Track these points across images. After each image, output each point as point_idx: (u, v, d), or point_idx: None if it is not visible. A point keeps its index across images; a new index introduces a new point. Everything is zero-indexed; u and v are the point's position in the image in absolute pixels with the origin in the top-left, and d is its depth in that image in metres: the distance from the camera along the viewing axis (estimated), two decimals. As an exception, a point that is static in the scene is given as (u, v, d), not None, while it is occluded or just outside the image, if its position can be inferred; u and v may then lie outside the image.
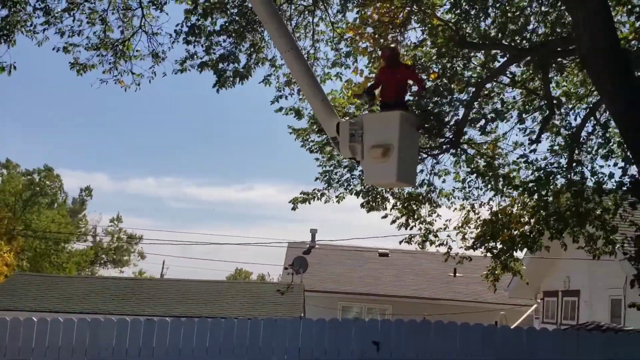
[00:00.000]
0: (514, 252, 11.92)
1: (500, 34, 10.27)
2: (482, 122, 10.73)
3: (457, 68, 10.54)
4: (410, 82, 8.46)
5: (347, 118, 9.66)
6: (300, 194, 11.71)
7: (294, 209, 11.63)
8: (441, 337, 9.06)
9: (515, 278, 16.25)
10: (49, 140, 71.30)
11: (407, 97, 8.54)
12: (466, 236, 11.97)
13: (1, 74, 9.52)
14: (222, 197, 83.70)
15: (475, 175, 11.35)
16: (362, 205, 11.74)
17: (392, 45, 9.10)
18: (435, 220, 12.05)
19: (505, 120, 10.90)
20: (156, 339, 8.69)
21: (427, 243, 12.27)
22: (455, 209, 12.07)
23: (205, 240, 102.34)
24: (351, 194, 11.73)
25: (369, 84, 8.28)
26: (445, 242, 12.13)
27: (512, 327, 11.80)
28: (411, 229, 12.00)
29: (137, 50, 10.97)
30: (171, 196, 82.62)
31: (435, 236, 12.09)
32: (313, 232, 31.52)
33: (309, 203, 11.70)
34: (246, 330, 8.87)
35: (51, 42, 10.24)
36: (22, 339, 8.61)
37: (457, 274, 27.06)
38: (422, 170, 11.25)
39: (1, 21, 9.54)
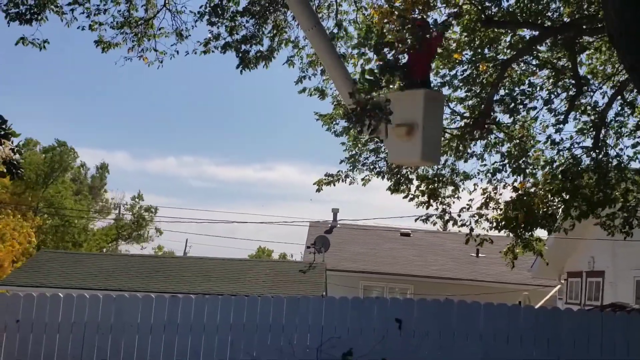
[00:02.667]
0: (534, 231, 11.82)
1: (524, 14, 10.12)
2: (510, 103, 10.63)
3: (484, 48, 10.43)
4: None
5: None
6: (325, 176, 11.71)
7: (318, 190, 11.65)
8: (464, 316, 9.06)
9: (539, 258, 16.15)
10: (69, 118, 71.79)
11: None
12: (486, 217, 11.89)
13: (38, 49, 9.68)
14: (242, 176, 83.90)
15: (500, 156, 11.27)
16: (388, 189, 11.70)
17: (424, 18, 8.94)
18: (454, 202, 11.99)
19: (532, 101, 10.79)
20: (180, 316, 8.79)
21: (450, 223, 12.22)
22: (475, 190, 11.97)
23: (226, 218, 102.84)
24: (377, 177, 11.71)
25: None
26: (468, 223, 12.06)
27: (535, 307, 11.73)
28: (428, 207, 11.94)
29: (160, 29, 10.99)
30: (191, 175, 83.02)
31: (458, 216, 12.02)
32: (335, 212, 31.55)
33: (334, 185, 11.71)
34: (269, 307, 8.94)
35: (76, 22, 10.30)
36: (49, 315, 8.76)
37: (479, 255, 26.97)
38: (446, 152, 11.18)
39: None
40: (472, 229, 11.95)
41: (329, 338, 8.70)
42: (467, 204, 11.88)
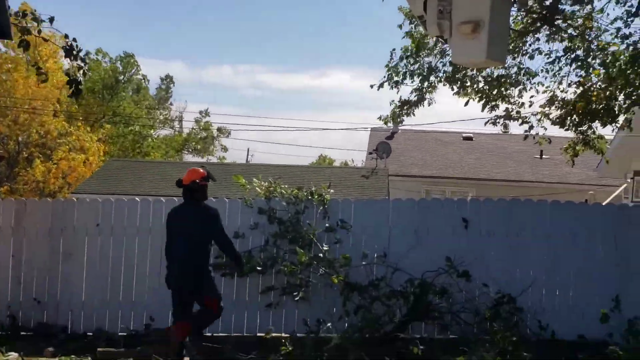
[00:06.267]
0: (592, 124, 11.52)
1: None
2: None
3: None
4: None
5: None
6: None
7: (379, 88, 11.37)
8: (531, 214, 9.08)
9: (604, 158, 15.86)
10: (124, 27, 71.95)
11: None
12: (550, 117, 11.65)
13: None
14: (297, 84, 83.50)
15: (565, 50, 10.89)
16: (456, 93, 11.45)
17: None
18: (521, 102, 11.76)
19: None
20: (253, 218, 9.08)
21: (510, 121, 12.00)
22: (541, 88, 11.66)
23: (286, 126, 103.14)
24: (441, 83, 11.46)
25: None
26: (527, 119, 11.83)
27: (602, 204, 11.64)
28: (494, 109, 11.70)
29: None
30: (247, 84, 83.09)
31: (518, 113, 11.79)
32: (395, 117, 31.32)
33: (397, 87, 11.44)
34: (338, 209, 9.14)
35: None
36: (127, 219, 9.21)
37: (543, 156, 26.59)
38: (513, 49, 10.86)
39: None
40: (531, 127, 11.73)
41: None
42: (529, 101, 11.64)
